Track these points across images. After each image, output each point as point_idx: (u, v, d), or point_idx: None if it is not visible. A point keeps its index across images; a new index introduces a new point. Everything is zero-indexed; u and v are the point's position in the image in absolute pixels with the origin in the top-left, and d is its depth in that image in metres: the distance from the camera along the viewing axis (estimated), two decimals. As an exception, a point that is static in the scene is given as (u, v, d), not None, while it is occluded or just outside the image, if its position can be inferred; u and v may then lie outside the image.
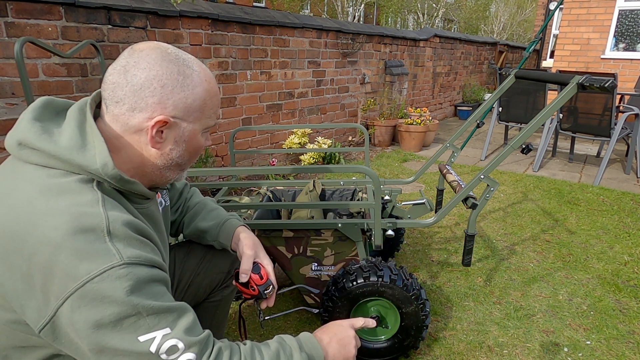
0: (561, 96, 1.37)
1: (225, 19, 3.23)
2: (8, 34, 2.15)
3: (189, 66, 0.79)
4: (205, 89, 0.80)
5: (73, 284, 0.64)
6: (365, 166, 1.39)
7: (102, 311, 0.64)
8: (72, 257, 0.64)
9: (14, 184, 0.71)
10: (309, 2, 13.01)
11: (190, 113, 0.79)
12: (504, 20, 16.08)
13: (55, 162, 0.71)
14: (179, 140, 0.81)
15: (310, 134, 4.25)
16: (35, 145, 0.70)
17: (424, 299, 1.49)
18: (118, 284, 0.65)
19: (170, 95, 0.76)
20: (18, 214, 0.67)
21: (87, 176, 0.73)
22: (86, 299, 0.64)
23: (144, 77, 0.74)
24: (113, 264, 0.65)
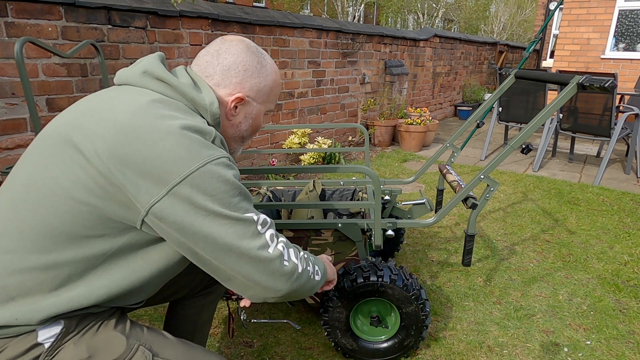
0: (561, 96, 1.37)
1: (225, 19, 3.23)
2: (8, 34, 2.15)
3: (265, 59, 0.98)
4: (274, 79, 1.00)
5: (197, 163, 0.77)
6: (365, 166, 1.39)
7: (218, 186, 0.79)
8: (195, 144, 0.78)
9: (134, 96, 0.83)
10: (309, 2, 13.01)
11: (260, 95, 0.98)
12: (504, 20, 16.08)
13: (172, 92, 0.86)
14: (248, 116, 0.99)
15: (310, 134, 4.25)
16: (161, 75, 0.86)
17: (424, 299, 1.49)
18: (228, 169, 0.82)
19: (250, 79, 0.95)
20: (144, 114, 0.79)
21: (193, 109, 0.88)
22: (206, 176, 0.77)
23: (232, 60, 0.93)
24: (224, 154, 0.82)
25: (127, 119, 0.77)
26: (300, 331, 1.80)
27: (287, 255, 0.89)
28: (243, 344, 1.72)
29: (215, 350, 1.68)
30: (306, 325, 1.84)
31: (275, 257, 0.86)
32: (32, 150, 0.83)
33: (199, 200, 0.77)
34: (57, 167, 0.77)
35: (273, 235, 0.88)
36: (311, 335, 1.78)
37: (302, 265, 0.93)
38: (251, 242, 0.82)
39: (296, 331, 1.80)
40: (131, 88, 0.87)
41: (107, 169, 0.75)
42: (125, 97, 0.83)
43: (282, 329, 1.81)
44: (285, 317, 1.88)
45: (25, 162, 0.82)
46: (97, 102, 0.84)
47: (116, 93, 0.85)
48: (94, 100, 0.85)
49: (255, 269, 0.83)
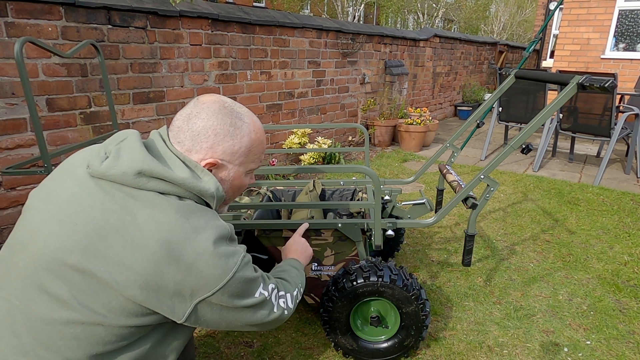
0: (561, 96, 1.37)
1: (225, 19, 3.22)
2: (8, 34, 2.15)
3: (240, 119, 0.94)
4: (251, 139, 0.96)
5: (227, 276, 0.84)
6: (365, 166, 1.39)
7: (247, 287, 0.89)
8: (223, 258, 0.84)
9: (152, 211, 0.81)
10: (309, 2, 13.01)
11: (237, 157, 0.95)
12: (504, 20, 16.08)
13: (176, 189, 0.85)
14: (225, 179, 0.97)
15: (310, 134, 4.25)
16: (161, 175, 0.83)
17: (424, 299, 1.49)
18: (249, 267, 0.91)
19: (222, 143, 0.92)
20: (164, 239, 0.79)
21: (196, 199, 0.89)
22: (237, 283, 0.86)
23: (201, 125, 0.90)
24: (243, 255, 0.90)
25: (153, 247, 0.78)
26: (300, 331, 1.80)
27: (286, 304, 1.04)
28: (243, 344, 1.72)
29: (216, 350, 1.68)
30: (306, 325, 1.84)
31: (278, 315, 1.00)
32: (35, 282, 0.79)
33: (228, 302, 0.87)
34: (77, 299, 0.77)
35: (277, 294, 1.01)
36: (311, 335, 1.78)
37: (295, 303, 1.09)
38: (263, 313, 0.96)
39: (296, 331, 1.80)
40: (131, 192, 0.82)
41: (141, 297, 0.79)
42: (139, 214, 0.80)
43: (282, 329, 1.81)
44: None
45: (32, 295, 0.78)
46: (105, 219, 0.79)
47: (119, 203, 0.81)
48: (97, 215, 0.79)
49: (264, 326, 0.99)
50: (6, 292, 0.80)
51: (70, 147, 1.58)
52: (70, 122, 2.48)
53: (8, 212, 2.30)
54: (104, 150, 0.86)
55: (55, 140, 2.43)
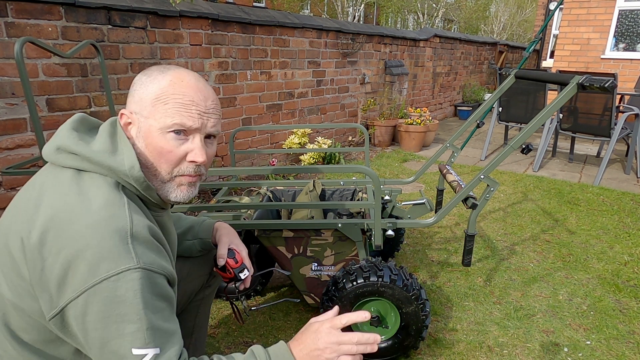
0: (561, 96, 1.37)
1: (225, 19, 3.23)
2: (8, 34, 2.15)
3: (162, 72, 0.85)
4: (161, 86, 0.83)
5: (92, 280, 0.69)
6: (365, 166, 1.39)
7: (111, 309, 0.70)
8: (96, 255, 0.70)
9: (52, 187, 0.77)
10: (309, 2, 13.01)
11: (144, 107, 0.83)
12: (504, 20, 16.08)
13: (89, 164, 0.78)
14: (138, 135, 0.84)
15: (310, 134, 4.25)
16: (72, 149, 0.78)
17: (424, 299, 1.49)
18: (130, 286, 0.71)
19: (134, 94, 0.85)
20: (54, 213, 0.73)
21: (114, 179, 0.80)
22: (100, 295, 0.69)
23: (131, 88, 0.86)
24: (130, 267, 0.71)
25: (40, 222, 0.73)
26: (300, 331, 1.80)
27: None
28: (243, 344, 1.72)
29: (215, 350, 1.68)
30: (303, 324, 1.84)
31: None
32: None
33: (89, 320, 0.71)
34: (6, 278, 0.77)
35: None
36: (311, 335, 1.77)
37: None
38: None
39: (296, 331, 1.80)
40: (52, 169, 0.81)
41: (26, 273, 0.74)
42: (44, 189, 0.78)
43: (282, 329, 1.81)
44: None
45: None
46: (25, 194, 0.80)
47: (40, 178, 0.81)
48: (23, 191, 0.81)
49: None
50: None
51: (70, 147, 1.58)
52: (70, 122, 2.48)
53: (8, 212, 2.30)
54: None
55: (55, 140, 2.43)
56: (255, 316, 1.90)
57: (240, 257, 1.16)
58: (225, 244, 1.16)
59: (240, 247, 1.18)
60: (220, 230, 1.21)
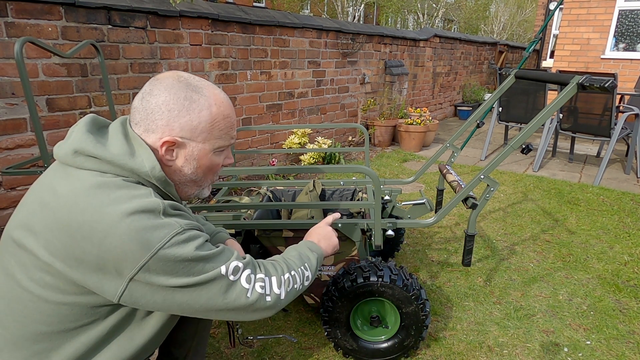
0: (561, 96, 1.37)
1: (225, 19, 3.23)
2: (8, 34, 2.15)
3: (197, 91, 0.87)
4: (212, 113, 0.88)
5: (148, 253, 0.75)
6: (365, 166, 1.39)
7: (177, 267, 0.78)
8: (143, 233, 0.76)
9: (73, 185, 0.79)
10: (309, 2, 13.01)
11: (198, 134, 0.88)
12: (504, 20, 16.08)
13: (109, 167, 0.81)
14: (189, 159, 0.90)
15: (310, 134, 4.25)
16: (92, 152, 0.80)
17: (424, 299, 1.49)
18: (184, 245, 0.80)
19: (177, 118, 0.85)
20: (83, 207, 0.76)
21: (136, 179, 0.84)
22: (161, 262, 0.77)
23: (154, 102, 0.85)
24: (177, 231, 0.79)
25: (67, 217, 0.76)
26: (300, 331, 1.80)
27: (269, 289, 0.92)
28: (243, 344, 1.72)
29: (216, 350, 1.68)
30: (306, 325, 1.84)
31: (255, 299, 0.89)
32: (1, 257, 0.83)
33: (161, 282, 0.78)
34: (22, 274, 0.79)
35: (250, 275, 0.90)
36: (311, 335, 1.78)
37: (286, 288, 0.96)
38: (226, 296, 0.85)
39: (296, 331, 1.80)
40: (68, 170, 0.82)
41: (66, 271, 0.77)
42: (63, 187, 0.80)
43: (282, 329, 1.81)
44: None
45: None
46: (41, 194, 0.81)
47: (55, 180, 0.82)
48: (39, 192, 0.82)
49: (239, 314, 0.89)
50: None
51: (70, 147, 1.58)
52: (70, 122, 2.48)
53: (8, 212, 2.30)
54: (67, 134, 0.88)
55: (55, 140, 2.43)
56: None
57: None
58: None
59: None
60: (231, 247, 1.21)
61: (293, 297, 0.99)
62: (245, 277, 0.88)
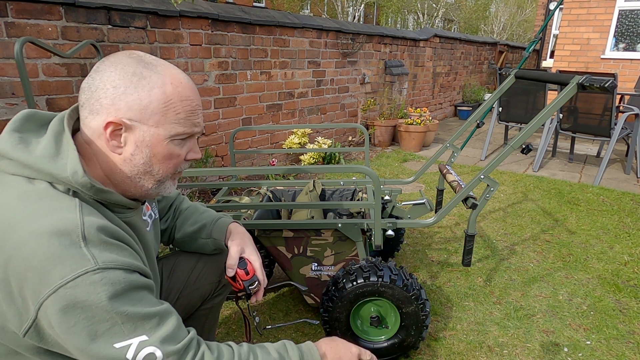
0: (561, 96, 1.37)
1: (225, 19, 3.23)
2: (8, 34, 2.15)
3: (149, 68, 0.76)
4: (165, 92, 0.76)
5: (46, 290, 0.63)
6: (365, 166, 1.39)
7: (75, 316, 0.64)
8: (45, 262, 0.63)
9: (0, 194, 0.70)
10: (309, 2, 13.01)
11: (149, 116, 0.75)
12: (504, 20, 16.08)
13: (30, 171, 0.70)
14: (140, 145, 0.77)
15: (310, 134, 4.25)
16: (10, 155, 0.70)
17: (424, 299, 1.49)
18: (92, 289, 0.64)
19: (123, 97, 0.73)
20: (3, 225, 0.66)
21: (64, 186, 0.72)
22: (59, 305, 0.63)
23: (99, 79, 0.74)
24: (87, 269, 0.64)
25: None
26: (300, 331, 1.80)
27: None
28: (243, 344, 1.72)
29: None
30: (306, 326, 1.84)
31: None
32: None
33: (55, 329, 0.65)
34: None
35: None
36: (311, 336, 1.78)
37: None
38: None
39: (296, 331, 1.80)
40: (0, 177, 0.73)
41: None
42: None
43: (282, 329, 1.81)
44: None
45: None
46: None
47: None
48: None
49: None
50: None
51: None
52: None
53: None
54: None
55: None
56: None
57: (252, 268, 1.08)
58: (236, 253, 1.08)
59: (253, 257, 1.10)
60: (234, 234, 1.13)
61: None
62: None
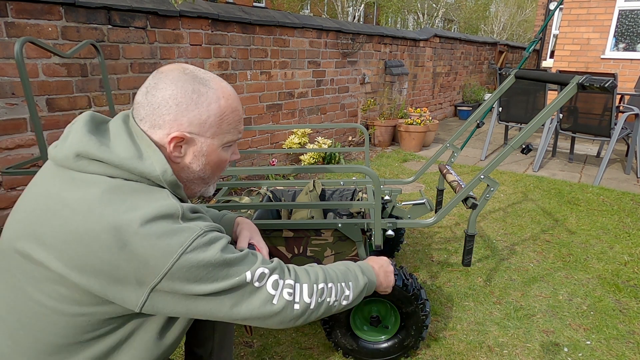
0: (561, 96, 1.37)
1: (225, 19, 3.23)
2: (8, 34, 2.15)
3: (204, 84, 0.84)
4: (220, 106, 0.85)
5: (170, 259, 0.73)
6: (365, 166, 1.39)
7: (200, 271, 0.75)
8: (163, 238, 0.73)
9: (83, 192, 0.75)
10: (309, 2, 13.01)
11: (207, 129, 0.85)
12: (504, 20, 16.08)
13: (117, 171, 0.77)
14: (198, 155, 0.87)
15: (310, 134, 4.25)
16: (97, 156, 0.76)
17: (424, 299, 1.49)
18: (205, 248, 0.77)
19: (185, 113, 0.82)
20: (98, 215, 0.72)
21: (147, 182, 0.80)
22: (184, 269, 0.74)
23: (160, 96, 0.81)
24: (197, 234, 0.76)
25: (82, 227, 0.71)
26: (300, 331, 1.80)
27: (299, 297, 0.88)
28: (243, 344, 1.72)
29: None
30: (306, 326, 1.84)
31: (282, 307, 0.85)
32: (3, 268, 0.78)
33: (184, 290, 0.75)
34: (33, 287, 0.75)
35: (277, 281, 0.85)
36: (311, 335, 1.78)
37: (317, 299, 0.91)
38: (250, 303, 0.82)
39: (296, 331, 1.80)
40: (72, 175, 0.77)
41: (83, 283, 0.73)
42: (73, 195, 0.74)
43: (282, 329, 1.81)
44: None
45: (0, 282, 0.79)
46: (44, 202, 0.76)
47: (60, 187, 0.76)
48: (41, 200, 0.77)
49: (265, 322, 0.85)
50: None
51: (70, 147, 1.58)
52: (70, 122, 2.48)
53: (8, 212, 2.30)
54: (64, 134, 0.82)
55: (55, 140, 2.43)
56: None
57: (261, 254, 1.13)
58: (246, 238, 1.12)
59: (261, 244, 1.13)
60: (242, 224, 1.17)
61: (325, 312, 0.93)
62: (272, 283, 0.85)
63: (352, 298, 0.99)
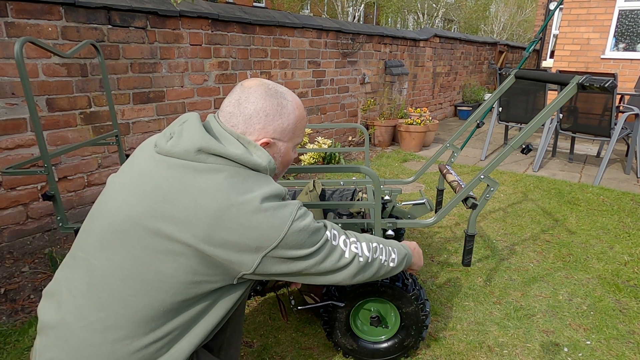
0: (561, 96, 1.37)
1: (225, 19, 3.23)
2: (8, 34, 2.15)
3: (285, 98, 1.03)
4: (296, 116, 1.05)
5: (285, 227, 0.91)
6: (365, 166, 1.39)
7: (303, 234, 0.94)
8: (277, 211, 0.91)
9: (213, 178, 0.90)
10: (309, 2, 13.02)
11: (286, 134, 1.04)
12: (504, 20, 16.09)
13: (231, 162, 0.93)
14: (276, 156, 1.05)
15: (310, 134, 4.25)
16: (217, 151, 0.91)
17: (424, 299, 1.49)
18: (304, 217, 0.96)
19: (272, 122, 1.01)
20: (227, 195, 0.88)
21: (254, 171, 0.97)
22: (293, 235, 0.92)
23: (252, 108, 0.99)
24: (297, 207, 0.96)
25: (213, 204, 0.86)
26: (300, 331, 1.80)
27: (361, 250, 1.07)
28: (243, 344, 1.72)
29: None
30: (306, 325, 1.84)
31: (351, 259, 1.04)
32: (111, 242, 0.90)
33: (288, 254, 0.93)
34: (156, 259, 0.87)
35: (345, 240, 1.05)
36: (311, 335, 1.78)
37: (373, 254, 1.10)
38: (331, 259, 1.00)
39: (296, 331, 1.80)
40: (194, 166, 0.91)
41: (209, 252, 0.87)
42: (198, 180, 0.89)
43: (282, 329, 1.81)
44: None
45: (108, 255, 0.90)
46: (170, 185, 0.89)
47: (181, 173, 0.90)
48: (162, 182, 0.90)
49: (336, 276, 1.03)
50: (85, 253, 0.92)
51: (70, 147, 1.58)
52: (70, 122, 2.48)
53: (8, 212, 2.30)
54: (169, 131, 0.96)
55: (55, 140, 2.43)
56: (255, 316, 1.90)
57: None
58: None
59: None
60: None
61: (377, 269, 1.11)
62: (342, 240, 1.04)
63: (397, 261, 1.17)
